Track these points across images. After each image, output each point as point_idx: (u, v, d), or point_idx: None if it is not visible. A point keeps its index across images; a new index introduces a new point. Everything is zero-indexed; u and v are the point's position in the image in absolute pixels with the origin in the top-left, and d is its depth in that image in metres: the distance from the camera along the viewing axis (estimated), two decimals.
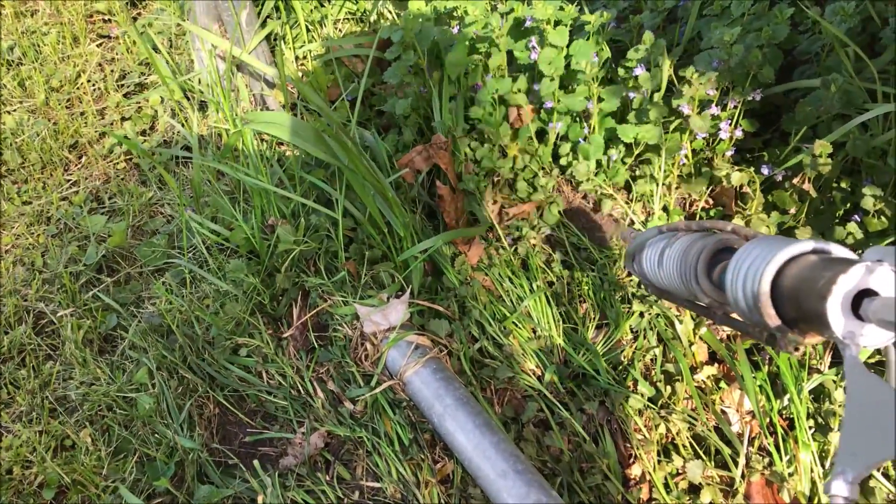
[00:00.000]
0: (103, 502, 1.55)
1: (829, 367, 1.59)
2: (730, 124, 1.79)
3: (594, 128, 1.95)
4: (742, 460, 1.51)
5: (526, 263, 1.89)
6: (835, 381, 1.56)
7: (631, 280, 1.82)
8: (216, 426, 1.71)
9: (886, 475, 1.45)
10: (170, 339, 1.80)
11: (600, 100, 1.93)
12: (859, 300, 0.67)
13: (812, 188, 1.70)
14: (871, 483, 1.45)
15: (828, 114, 1.69)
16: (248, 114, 1.72)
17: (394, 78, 2.03)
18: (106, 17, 2.73)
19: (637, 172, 1.96)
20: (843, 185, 1.76)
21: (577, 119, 2.00)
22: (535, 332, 1.79)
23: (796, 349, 0.77)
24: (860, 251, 0.70)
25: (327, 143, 1.61)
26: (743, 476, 1.50)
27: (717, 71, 1.76)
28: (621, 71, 1.89)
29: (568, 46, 1.93)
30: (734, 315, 0.90)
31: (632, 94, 1.87)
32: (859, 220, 1.69)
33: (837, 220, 1.74)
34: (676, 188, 1.88)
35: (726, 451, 1.52)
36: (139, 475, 1.60)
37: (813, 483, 1.46)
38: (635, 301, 1.76)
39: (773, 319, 0.77)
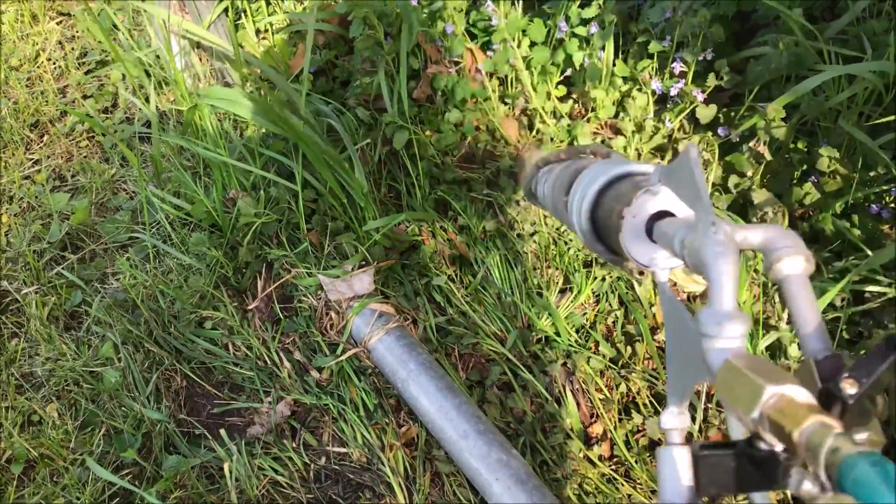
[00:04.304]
0: (71, 475, 1.56)
1: (787, 324, 1.62)
2: (684, 82, 1.81)
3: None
4: (700, 416, 1.55)
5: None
6: (790, 337, 1.59)
7: None
8: (184, 398, 1.72)
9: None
10: (135, 313, 1.81)
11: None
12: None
13: (767, 151, 1.72)
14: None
15: (777, 74, 1.70)
16: (202, 90, 1.72)
17: (359, 53, 2.04)
18: None
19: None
20: (800, 146, 1.78)
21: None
22: (499, 297, 1.81)
23: (641, 274, 0.77)
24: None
25: (281, 117, 1.61)
26: (700, 431, 1.54)
27: (668, 22, 1.77)
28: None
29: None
30: None
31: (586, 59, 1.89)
32: (816, 180, 1.72)
33: (795, 181, 1.77)
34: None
35: None
36: (107, 447, 1.62)
37: None
38: (596, 266, 1.79)
39: (603, 254, 0.77)
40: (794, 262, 0.55)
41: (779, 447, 0.48)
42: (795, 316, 0.54)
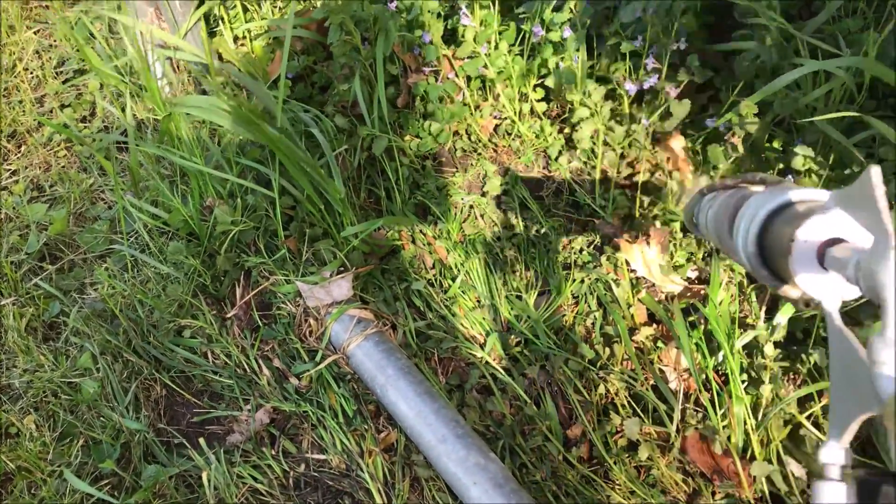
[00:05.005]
0: (49, 487, 1.56)
1: (763, 322, 1.63)
2: (658, 78, 1.82)
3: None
4: (677, 416, 1.55)
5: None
6: (766, 336, 1.59)
7: (572, 247, 1.84)
8: (163, 408, 1.72)
9: (817, 424, 1.50)
10: (113, 323, 1.80)
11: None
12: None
13: (741, 145, 1.72)
14: (801, 431, 1.50)
15: (764, 67, 1.71)
16: (177, 98, 1.72)
17: (337, 59, 2.04)
18: (44, 5, 2.69)
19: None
20: (776, 145, 1.79)
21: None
22: (479, 301, 1.81)
23: (807, 304, 0.73)
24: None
25: (256, 124, 1.61)
26: (678, 431, 1.54)
27: (639, 22, 1.78)
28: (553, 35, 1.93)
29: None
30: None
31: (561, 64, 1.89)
32: (792, 179, 1.72)
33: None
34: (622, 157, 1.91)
35: (662, 408, 1.56)
36: (85, 459, 1.61)
37: (747, 434, 1.50)
38: (575, 268, 1.79)
39: (767, 279, 0.74)
40: None
41: None
42: None
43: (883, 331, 0.51)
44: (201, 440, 1.61)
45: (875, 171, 0.55)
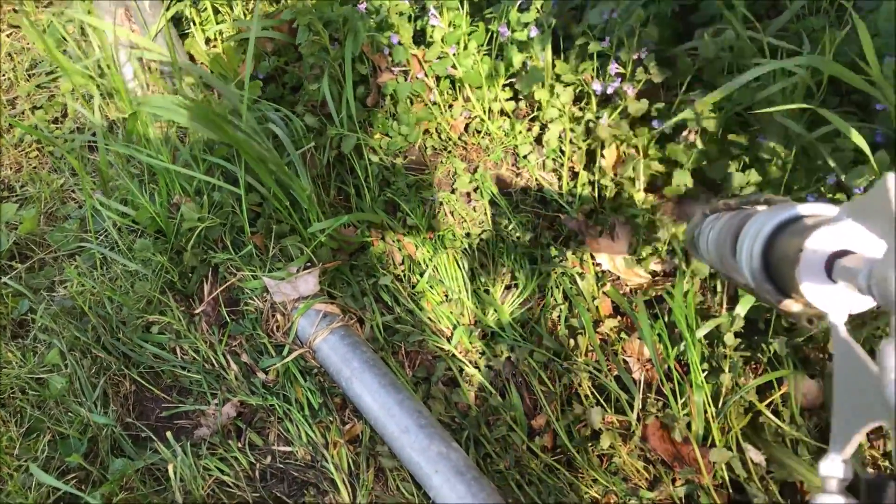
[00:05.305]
0: (14, 481, 1.56)
1: (725, 311, 1.65)
2: (622, 81, 1.84)
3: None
4: (638, 405, 1.57)
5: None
6: (727, 325, 1.62)
7: (539, 241, 1.87)
8: (132, 403, 1.73)
9: (777, 412, 1.52)
10: (82, 320, 1.81)
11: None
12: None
13: (699, 140, 1.75)
14: (760, 419, 1.52)
15: (705, 63, 1.74)
16: (142, 98, 1.73)
17: (306, 60, 2.06)
18: (16, 8, 2.70)
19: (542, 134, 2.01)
20: (740, 138, 1.82)
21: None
22: (446, 295, 1.83)
23: (809, 322, 0.73)
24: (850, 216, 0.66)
25: (218, 124, 1.63)
26: (639, 419, 1.56)
27: (607, 24, 1.81)
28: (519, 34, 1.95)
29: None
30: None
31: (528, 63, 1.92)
32: (758, 167, 1.75)
33: (738, 169, 1.80)
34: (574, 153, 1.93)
35: (624, 397, 1.58)
36: (52, 453, 1.61)
37: (707, 422, 1.53)
38: (542, 263, 1.81)
39: (771, 295, 0.74)
40: None
41: None
42: None
43: (893, 337, 0.51)
44: (168, 434, 1.61)
45: (890, 178, 0.54)
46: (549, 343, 1.70)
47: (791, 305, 0.74)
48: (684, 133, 1.76)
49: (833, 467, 0.61)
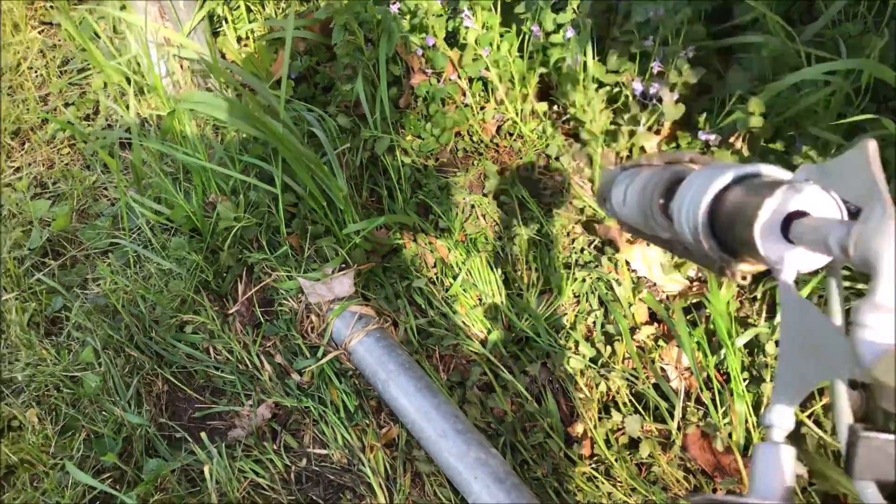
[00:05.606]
0: (51, 479, 1.56)
1: (765, 321, 1.63)
2: (661, 84, 1.83)
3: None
4: (678, 414, 1.56)
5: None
6: (768, 334, 1.60)
7: (573, 247, 1.85)
8: (165, 403, 1.72)
9: (818, 423, 1.50)
10: (115, 319, 1.81)
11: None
12: (791, 223, 0.66)
13: (745, 146, 1.74)
14: (802, 430, 1.50)
15: (756, 79, 1.73)
16: (181, 94, 1.72)
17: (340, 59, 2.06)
18: (49, 5, 2.70)
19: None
20: (778, 146, 1.80)
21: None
22: (480, 299, 1.82)
23: (744, 278, 0.76)
24: (809, 179, 0.68)
25: (260, 120, 1.62)
26: (679, 428, 1.55)
27: (650, 23, 1.80)
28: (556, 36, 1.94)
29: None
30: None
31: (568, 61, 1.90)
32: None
33: None
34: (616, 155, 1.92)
35: (664, 405, 1.57)
36: (87, 452, 1.61)
37: (748, 432, 1.51)
38: (576, 268, 1.80)
39: (713, 251, 0.75)
40: None
41: None
42: None
43: (872, 295, 0.52)
44: (203, 435, 1.61)
45: (871, 143, 0.56)
46: (585, 349, 1.68)
47: (734, 266, 0.74)
48: (731, 139, 1.74)
49: (781, 417, 0.61)
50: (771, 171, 0.74)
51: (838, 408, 0.60)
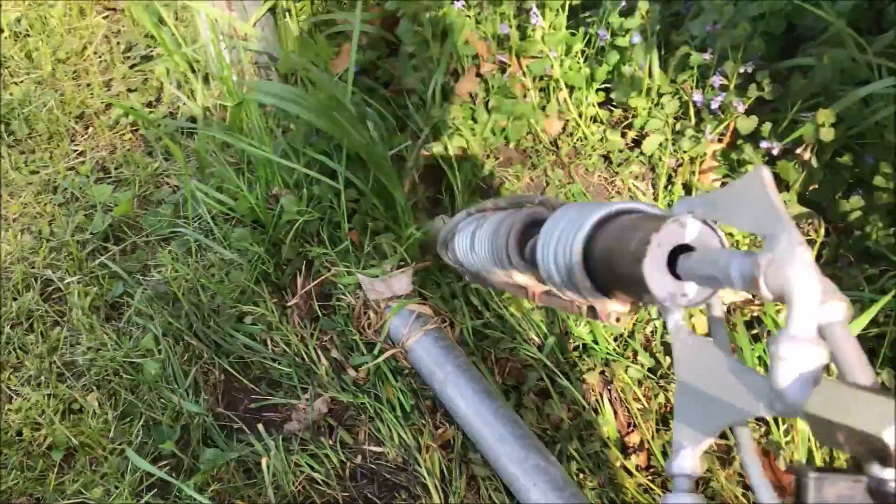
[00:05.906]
0: (110, 464, 1.58)
1: None
2: (725, 95, 1.80)
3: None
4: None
5: None
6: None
7: None
8: (221, 392, 1.74)
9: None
10: (175, 306, 1.82)
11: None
12: (675, 259, 0.63)
13: (815, 159, 1.70)
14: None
15: (820, 87, 1.69)
16: (252, 83, 1.73)
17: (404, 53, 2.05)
18: None
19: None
20: (846, 159, 1.76)
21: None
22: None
23: (618, 319, 0.74)
24: (691, 212, 0.65)
25: (328, 114, 1.62)
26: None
27: (709, 35, 1.77)
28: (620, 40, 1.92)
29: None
30: (553, 291, 0.83)
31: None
32: (862, 194, 1.69)
33: (840, 195, 1.75)
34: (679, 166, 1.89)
35: None
36: (145, 438, 1.63)
37: (810, 451, 1.48)
38: None
39: (588, 291, 0.73)
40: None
41: None
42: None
43: (787, 327, 0.50)
44: (259, 426, 1.62)
45: (764, 170, 0.57)
46: (643, 359, 1.67)
47: (608, 305, 0.73)
48: (798, 150, 1.71)
49: (687, 463, 0.59)
50: (643, 206, 0.72)
51: (747, 448, 0.58)
